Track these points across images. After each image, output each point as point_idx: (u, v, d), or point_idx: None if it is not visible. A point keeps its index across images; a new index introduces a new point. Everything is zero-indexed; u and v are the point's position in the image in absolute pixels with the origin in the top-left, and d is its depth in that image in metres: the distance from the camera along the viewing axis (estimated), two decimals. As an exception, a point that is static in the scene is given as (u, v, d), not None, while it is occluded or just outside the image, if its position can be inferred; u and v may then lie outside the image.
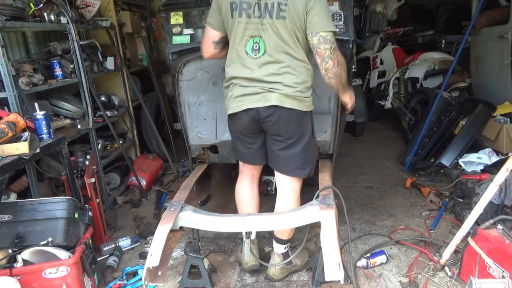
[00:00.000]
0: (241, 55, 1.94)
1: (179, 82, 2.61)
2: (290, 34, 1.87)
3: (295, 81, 1.91)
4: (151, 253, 1.84)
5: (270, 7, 1.85)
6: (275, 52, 1.89)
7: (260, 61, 1.91)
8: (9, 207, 2.09)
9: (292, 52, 1.90)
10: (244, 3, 1.88)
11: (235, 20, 1.91)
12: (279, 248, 2.27)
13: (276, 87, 1.91)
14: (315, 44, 1.84)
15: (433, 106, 3.78)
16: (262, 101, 1.92)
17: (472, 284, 1.81)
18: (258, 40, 1.90)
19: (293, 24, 1.85)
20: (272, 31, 1.87)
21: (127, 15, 4.27)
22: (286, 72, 1.90)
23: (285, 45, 1.89)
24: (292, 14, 1.84)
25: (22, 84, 2.45)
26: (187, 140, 2.72)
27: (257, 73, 1.92)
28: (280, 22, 1.85)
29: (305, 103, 1.97)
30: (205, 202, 3.23)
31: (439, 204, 3.03)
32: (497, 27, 3.84)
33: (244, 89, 1.95)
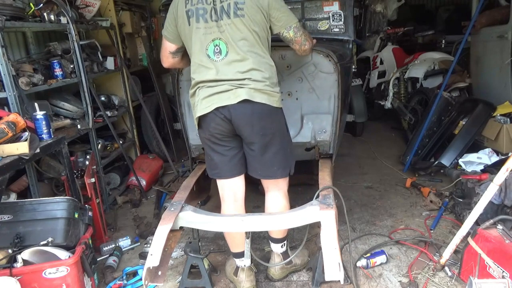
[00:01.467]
0: (204, 60, 1.93)
1: (179, 82, 2.61)
2: (250, 31, 1.88)
3: (262, 76, 1.90)
4: (151, 253, 1.84)
5: (227, 8, 1.86)
6: (238, 51, 1.88)
7: (224, 62, 1.90)
8: (9, 207, 2.09)
9: (253, 48, 1.90)
10: (200, 9, 1.89)
11: (193, 27, 1.91)
12: (276, 247, 2.26)
13: (244, 82, 1.89)
14: (292, 36, 2.00)
15: (433, 106, 3.78)
16: (232, 98, 1.88)
17: (472, 284, 1.80)
18: (218, 42, 1.89)
19: (252, 21, 1.87)
20: (232, 31, 1.87)
21: (127, 15, 4.27)
22: (251, 68, 1.89)
23: (246, 42, 1.88)
24: (251, 12, 1.86)
25: (22, 84, 2.45)
26: (187, 140, 2.72)
27: (222, 73, 1.90)
28: (238, 21, 1.86)
29: (275, 98, 1.95)
30: (205, 202, 3.23)
31: (439, 204, 3.02)
32: (497, 27, 3.84)
33: (211, 89, 1.92)
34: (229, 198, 2.15)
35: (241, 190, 2.16)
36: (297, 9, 3.08)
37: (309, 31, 2.99)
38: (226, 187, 2.14)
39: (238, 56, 1.89)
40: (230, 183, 2.12)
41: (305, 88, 2.54)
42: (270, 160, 2.04)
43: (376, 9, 6.45)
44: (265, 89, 1.91)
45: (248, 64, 1.89)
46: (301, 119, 2.57)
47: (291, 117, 2.58)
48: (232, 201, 2.15)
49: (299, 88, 2.54)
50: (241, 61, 1.89)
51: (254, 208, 3.19)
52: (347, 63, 2.77)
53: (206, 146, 2.09)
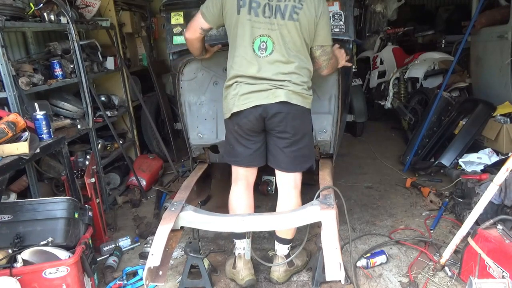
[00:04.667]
0: (249, 53, 1.95)
1: (179, 82, 2.61)
2: (299, 36, 1.94)
3: (301, 80, 1.98)
4: (152, 253, 1.84)
5: (284, 9, 1.90)
6: (284, 52, 1.93)
7: (268, 60, 1.94)
8: (9, 207, 2.09)
9: (298, 53, 1.97)
10: (254, 2, 1.91)
11: (243, 18, 1.92)
12: (282, 249, 2.26)
13: (284, 84, 1.95)
14: (317, 56, 2.05)
15: (433, 106, 3.78)
16: (271, 98, 1.94)
17: (472, 284, 1.80)
18: (266, 39, 1.93)
19: (303, 27, 1.93)
20: (282, 32, 1.92)
21: (127, 15, 4.28)
22: (292, 71, 1.95)
23: (292, 46, 1.95)
24: (305, 19, 1.92)
25: (22, 84, 2.45)
26: (187, 140, 2.72)
27: (264, 71, 1.94)
28: (292, 24, 1.91)
29: (309, 100, 2.05)
30: (206, 202, 3.23)
31: (439, 204, 3.03)
32: (497, 27, 3.84)
33: (251, 86, 1.96)
34: (241, 182, 2.26)
35: (254, 177, 2.30)
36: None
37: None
38: (241, 173, 2.25)
39: (283, 58, 1.93)
40: (247, 171, 2.24)
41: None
42: (296, 155, 2.10)
43: (376, 9, 6.46)
44: (302, 92, 1.99)
45: (291, 67, 1.95)
46: (301, 119, 2.57)
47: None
48: (244, 184, 2.26)
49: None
50: (285, 63, 1.94)
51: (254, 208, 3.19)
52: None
53: (231, 136, 2.15)
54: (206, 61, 2.56)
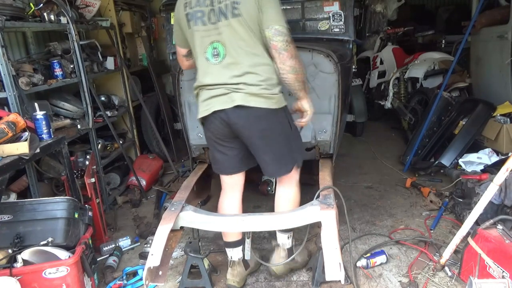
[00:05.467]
0: (203, 63, 1.95)
1: (179, 82, 2.61)
2: (247, 30, 1.85)
3: (257, 79, 1.87)
4: (152, 253, 1.84)
5: (225, 8, 1.84)
6: (234, 53, 1.87)
7: (221, 65, 1.90)
8: (9, 207, 2.09)
9: (251, 49, 1.87)
10: (198, 12, 1.89)
11: (193, 30, 1.93)
12: (282, 238, 2.24)
13: (239, 87, 1.87)
14: (270, 37, 1.82)
15: (433, 106, 3.78)
16: (228, 102, 1.89)
17: (472, 284, 1.80)
18: (217, 45, 1.89)
19: (248, 19, 1.83)
20: (229, 32, 1.86)
21: (127, 15, 4.28)
22: (247, 72, 1.86)
23: (243, 43, 1.86)
24: (245, 10, 1.82)
25: (22, 84, 2.45)
26: (187, 140, 2.72)
27: (219, 77, 1.90)
28: (236, 20, 1.84)
29: (273, 100, 1.91)
30: (206, 202, 3.22)
31: (439, 204, 3.03)
32: (497, 27, 3.84)
33: (210, 92, 1.94)
34: (228, 189, 2.24)
35: (240, 184, 2.23)
36: (297, 9, 3.07)
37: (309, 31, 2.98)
38: (225, 180, 2.22)
39: (235, 59, 1.87)
40: (230, 178, 2.20)
41: (305, 88, 2.54)
42: (274, 158, 2.05)
43: (376, 9, 6.46)
44: (261, 93, 1.87)
45: (244, 67, 1.87)
46: (301, 119, 2.57)
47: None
48: (230, 192, 2.24)
49: None
50: (237, 64, 1.87)
51: (254, 208, 3.20)
52: (347, 63, 2.77)
53: (209, 143, 2.14)
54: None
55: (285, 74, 1.87)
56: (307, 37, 2.85)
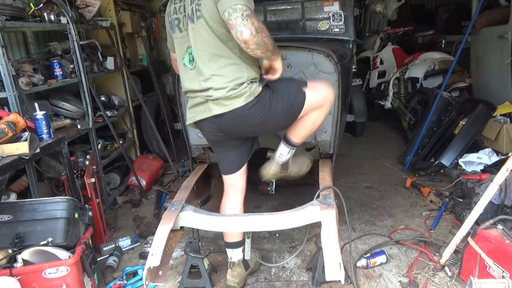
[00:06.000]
0: (182, 68, 1.96)
1: (179, 82, 2.60)
2: (209, 31, 1.79)
3: (223, 81, 1.81)
4: (152, 253, 1.84)
5: (191, 13, 1.83)
6: (201, 57, 1.85)
7: (195, 71, 1.89)
8: (9, 207, 2.09)
9: (215, 51, 1.81)
10: (175, 19, 1.91)
11: (175, 37, 1.96)
12: (283, 149, 2.15)
13: (209, 93, 1.85)
14: (227, 18, 1.64)
15: (433, 106, 3.78)
16: (207, 111, 1.90)
17: (472, 284, 1.80)
18: (191, 50, 1.88)
19: (209, 18, 1.76)
20: (195, 36, 1.83)
21: (127, 15, 4.27)
22: (212, 74, 1.83)
23: (206, 45, 1.82)
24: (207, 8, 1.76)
25: (22, 84, 2.45)
26: (187, 140, 2.72)
27: (194, 83, 1.90)
28: (200, 22, 1.80)
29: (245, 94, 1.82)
30: (205, 202, 3.23)
31: (439, 204, 3.03)
32: (497, 27, 3.84)
33: (192, 100, 1.97)
34: (229, 189, 2.26)
35: (240, 183, 2.23)
36: (297, 9, 3.08)
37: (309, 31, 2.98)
38: (226, 181, 2.25)
39: (201, 63, 1.85)
40: (230, 177, 2.22)
41: (305, 88, 2.54)
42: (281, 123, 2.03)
43: (376, 9, 6.46)
44: (230, 95, 1.81)
45: (209, 71, 1.83)
46: (301, 119, 2.57)
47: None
48: (232, 192, 2.25)
49: None
50: (203, 67, 1.84)
51: (254, 208, 3.20)
52: (347, 63, 2.77)
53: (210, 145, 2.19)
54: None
55: (253, 52, 1.69)
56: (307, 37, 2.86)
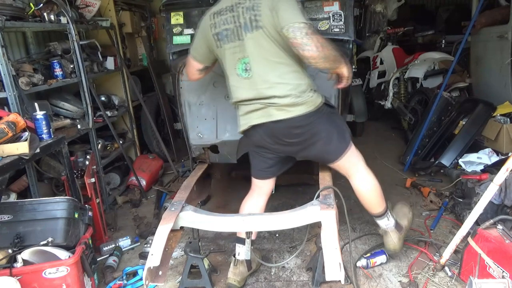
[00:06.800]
0: (235, 78, 1.99)
1: (179, 82, 2.61)
2: (270, 41, 1.86)
3: (287, 89, 1.89)
4: (152, 253, 1.84)
5: (249, 23, 1.87)
6: (261, 66, 1.90)
7: (252, 80, 1.93)
8: (9, 207, 2.09)
9: (277, 59, 1.89)
10: (224, 30, 1.93)
11: (222, 49, 1.97)
12: (382, 223, 2.26)
13: (272, 101, 1.91)
14: (290, 37, 1.75)
15: (433, 106, 3.78)
16: (265, 117, 1.94)
17: (472, 284, 1.81)
18: (247, 60, 1.92)
19: (270, 29, 1.84)
20: (253, 46, 1.89)
21: (127, 15, 4.28)
22: (276, 83, 1.89)
23: (268, 54, 1.89)
24: (266, 20, 1.83)
25: (22, 84, 2.45)
26: (187, 140, 2.72)
27: (251, 92, 1.94)
28: (259, 33, 1.86)
29: (308, 103, 1.93)
30: (205, 202, 3.23)
31: (439, 204, 3.03)
32: (497, 27, 3.84)
33: (246, 107, 2.00)
34: (256, 191, 2.31)
35: (268, 187, 2.31)
36: (297, 9, 3.07)
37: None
38: (256, 183, 2.30)
39: (262, 72, 1.91)
40: (260, 182, 2.29)
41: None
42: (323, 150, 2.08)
43: (376, 9, 6.46)
44: (292, 102, 1.90)
45: (272, 78, 1.90)
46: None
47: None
48: (257, 194, 2.31)
49: None
50: (265, 76, 1.91)
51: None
52: (347, 63, 2.77)
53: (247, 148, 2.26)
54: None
55: (320, 65, 1.80)
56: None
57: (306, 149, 2.07)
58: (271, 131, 1.99)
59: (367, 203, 2.22)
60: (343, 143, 2.10)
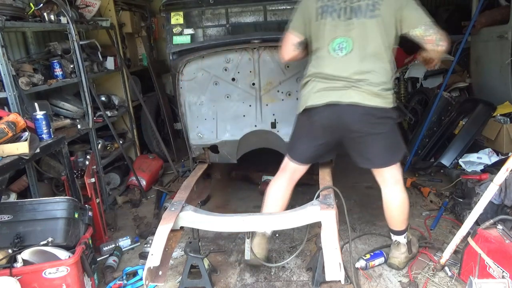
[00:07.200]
0: (325, 54, 2.00)
1: (179, 82, 2.61)
2: (380, 32, 1.93)
3: (379, 80, 1.95)
4: (152, 253, 1.84)
5: (364, 8, 1.91)
6: (361, 51, 1.94)
7: (345, 59, 1.96)
8: (9, 207, 2.09)
9: (377, 51, 1.95)
10: (331, 6, 1.97)
11: (321, 22, 1.99)
12: (401, 239, 2.30)
13: (360, 84, 1.94)
14: (422, 34, 1.93)
15: (433, 106, 3.78)
16: (345, 97, 1.95)
17: (472, 284, 1.80)
18: (344, 40, 1.95)
19: (385, 23, 1.92)
20: (360, 31, 1.93)
21: (127, 15, 4.28)
22: (371, 70, 1.94)
23: (372, 43, 1.94)
24: (387, 13, 1.91)
25: (22, 84, 2.45)
26: (187, 140, 2.72)
27: (340, 71, 1.96)
28: (373, 21, 1.92)
29: (389, 99, 2.01)
30: (206, 202, 3.23)
31: (439, 204, 3.03)
32: (497, 27, 3.84)
33: (325, 84, 1.99)
34: (287, 175, 2.28)
35: (301, 174, 2.29)
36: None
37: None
38: (291, 166, 2.27)
39: (360, 57, 1.94)
40: (297, 166, 2.26)
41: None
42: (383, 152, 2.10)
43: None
44: (380, 93, 1.96)
45: (368, 66, 1.94)
46: (301, 119, 2.57)
47: (291, 117, 2.58)
48: (288, 178, 2.28)
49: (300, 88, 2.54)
50: (362, 62, 1.94)
51: (254, 208, 3.19)
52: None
53: (300, 128, 2.19)
54: (206, 61, 2.56)
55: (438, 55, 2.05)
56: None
57: (361, 143, 2.07)
58: (342, 113, 1.98)
59: (391, 217, 2.25)
60: (396, 155, 2.15)
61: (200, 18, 3.24)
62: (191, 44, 2.97)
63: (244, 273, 2.39)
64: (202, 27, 3.25)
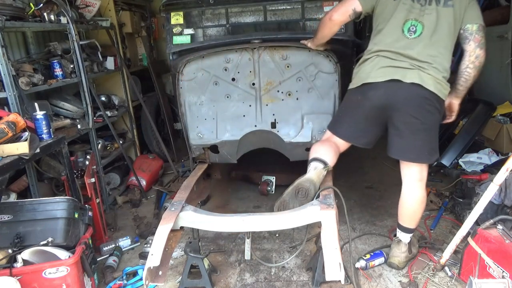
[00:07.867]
0: (397, 33, 2.05)
1: (179, 82, 2.61)
2: (450, 22, 2.00)
3: (444, 67, 2.02)
4: (152, 253, 1.84)
5: None
6: (431, 37, 2.00)
7: (415, 41, 2.01)
8: (9, 207, 2.09)
9: (443, 40, 2.02)
10: None
11: (398, 3, 2.04)
12: (405, 237, 2.31)
13: (424, 66, 1.99)
14: (475, 31, 2.00)
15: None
16: (407, 77, 1.98)
17: (472, 284, 1.80)
18: (416, 23, 2.01)
19: (457, 13, 1.99)
20: (433, 18, 1.99)
21: (127, 15, 4.28)
22: (437, 55, 2.00)
23: (441, 32, 2.01)
24: (458, 5, 2.00)
25: (22, 84, 2.45)
26: (187, 140, 2.72)
27: (409, 49, 2.01)
28: (446, 10, 1.99)
29: (445, 91, 2.06)
30: (206, 202, 3.23)
31: (439, 204, 3.02)
32: (497, 27, 3.84)
33: (391, 61, 2.03)
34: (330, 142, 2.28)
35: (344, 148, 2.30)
36: (297, 9, 3.08)
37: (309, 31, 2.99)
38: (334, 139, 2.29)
39: (430, 42, 2.00)
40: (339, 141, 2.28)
41: (305, 88, 2.55)
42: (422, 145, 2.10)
43: (376, 9, 6.44)
44: (440, 80, 2.02)
45: (435, 51, 2.00)
46: (302, 119, 2.58)
47: (291, 117, 2.59)
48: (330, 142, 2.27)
49: (300, 88, 2.55)
50: (430, 46, 2.00)
51: (254, 208, 3.20)
52: (347, 63, 2.78)
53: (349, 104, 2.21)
54: (206, 61, 2.56)
55: (471, 69, 2.09)
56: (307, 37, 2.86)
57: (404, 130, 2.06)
58: (401, 92, 2.00)
59: (405, 214, 2.27)
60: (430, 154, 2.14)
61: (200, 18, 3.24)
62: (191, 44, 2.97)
63: (244, 273, 2.39)
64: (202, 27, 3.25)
